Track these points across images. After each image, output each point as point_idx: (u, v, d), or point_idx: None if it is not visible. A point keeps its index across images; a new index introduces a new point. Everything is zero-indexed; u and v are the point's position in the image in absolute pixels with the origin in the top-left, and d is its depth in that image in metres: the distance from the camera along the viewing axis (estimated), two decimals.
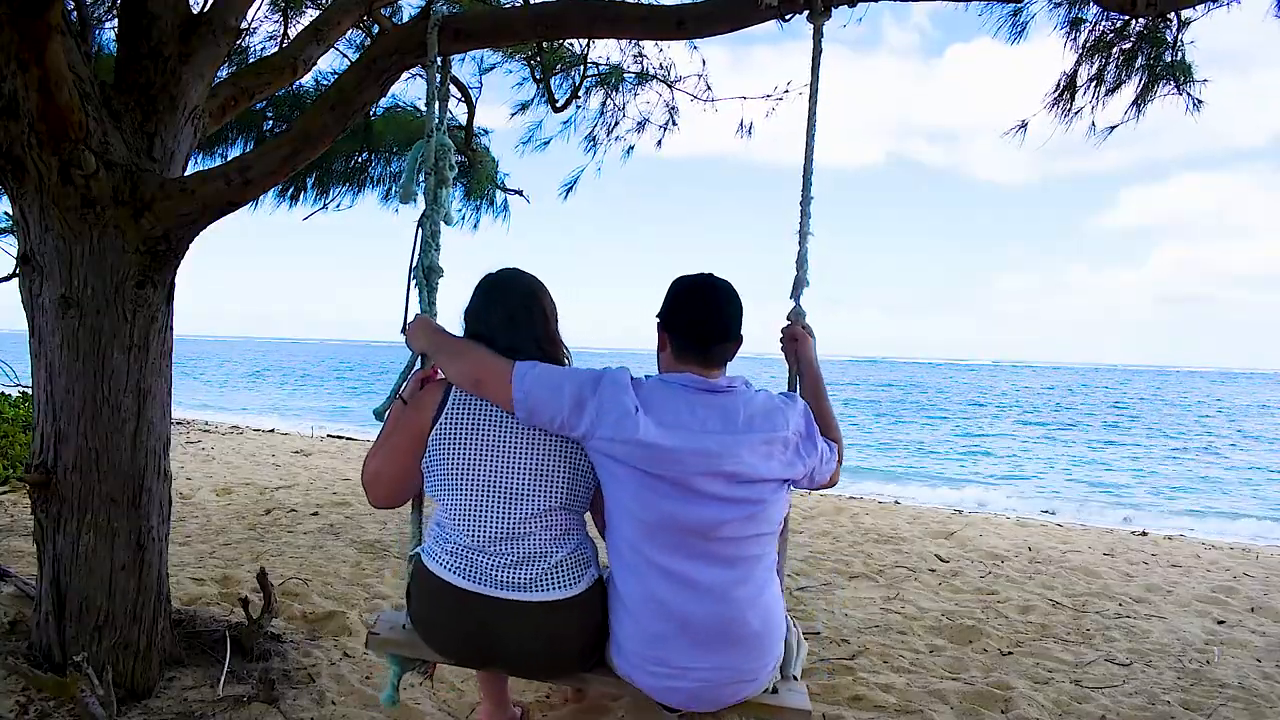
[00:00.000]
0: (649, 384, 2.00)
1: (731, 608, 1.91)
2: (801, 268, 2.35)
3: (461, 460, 2.01)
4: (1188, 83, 4.17)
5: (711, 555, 1.91)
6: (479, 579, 1.98)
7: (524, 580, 1.97)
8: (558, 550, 2.01)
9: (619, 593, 2.01)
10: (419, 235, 2.47)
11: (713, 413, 1.93)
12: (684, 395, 1.95)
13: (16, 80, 2.38)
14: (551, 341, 2.17)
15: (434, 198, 2.49)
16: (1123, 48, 4.22)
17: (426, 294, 2.45)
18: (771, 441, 1.94)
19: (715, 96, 5.64)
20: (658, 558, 1.92)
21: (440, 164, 2.50)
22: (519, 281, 2.21)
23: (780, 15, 2.40)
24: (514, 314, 2.14)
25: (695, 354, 2.01)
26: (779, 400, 2.04)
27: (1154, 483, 14.62)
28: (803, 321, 2.36)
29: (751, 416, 1.95)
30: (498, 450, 2.00)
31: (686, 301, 2.05)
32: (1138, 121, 4.32)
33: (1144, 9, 2.44)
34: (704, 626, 1.91)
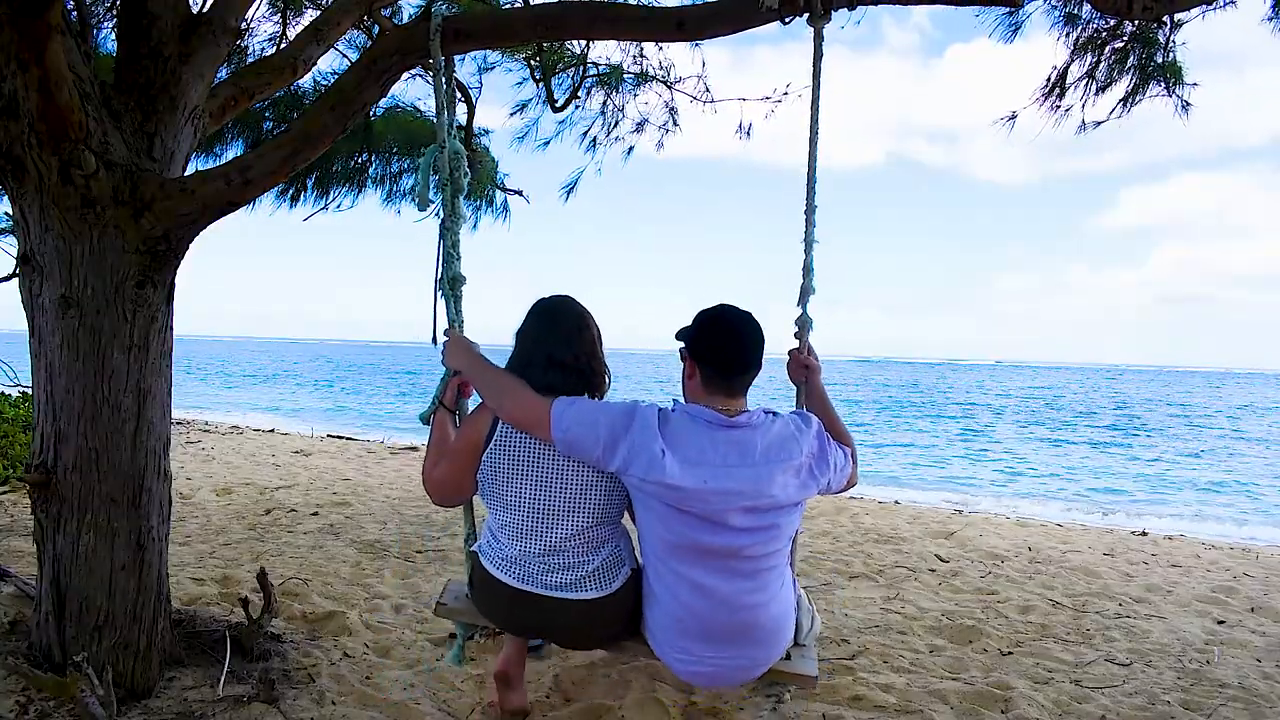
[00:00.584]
0: (675, 420, 2.18)
1: (749, 613, 2.19)
2: (808, 276, 2.42)
3: (506, 487, 2.28)
4: (1178, 84, 4.19)
5: (732, 570, 2.16)
6: (528, 580, 2.29)
7: (565, 583, 2.28)
8: (593, 559, 2.30)
9: (651, 590, 2.29)
10: (441, 247, 2.55)
11: (732, 449, 2.13)
12: (707, 432, 2.15)
13: (16, 80, 2.38)
14: (598, 362, 2.39)
15: (452, 208, 2.55)
16: (1115, 47, 4.23)
17: (453, 303, 2.57)
18: (787, 470, 2.16)
19: (715, 98, 5.65)
20: (683, 569, 2.18)
21: (455, 173, 2.54)
22: (572, 307, 2.43)
23: (780, 17, 2.40)
24: (569, 336, 2.35)
25: (722, 385, 2.21)
26: (793, 427, 2.24)
27: (1158, 484, 14.56)
28: (810, 338, 2.51)
29: (768, 448, 2.15)
30: (537, 479, 2.26)
31: (714, 335, 2.23)
32: (1123, 118, 4.36)
33: (1139, 13, 2.44)
34: (723, 629, 2.19)
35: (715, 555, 2.14)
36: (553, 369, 2.31)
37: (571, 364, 2.32)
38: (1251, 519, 10.61)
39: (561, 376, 2.31)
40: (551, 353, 2.32)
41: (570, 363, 2.32)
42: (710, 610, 2.17)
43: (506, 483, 2.28)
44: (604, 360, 2.42)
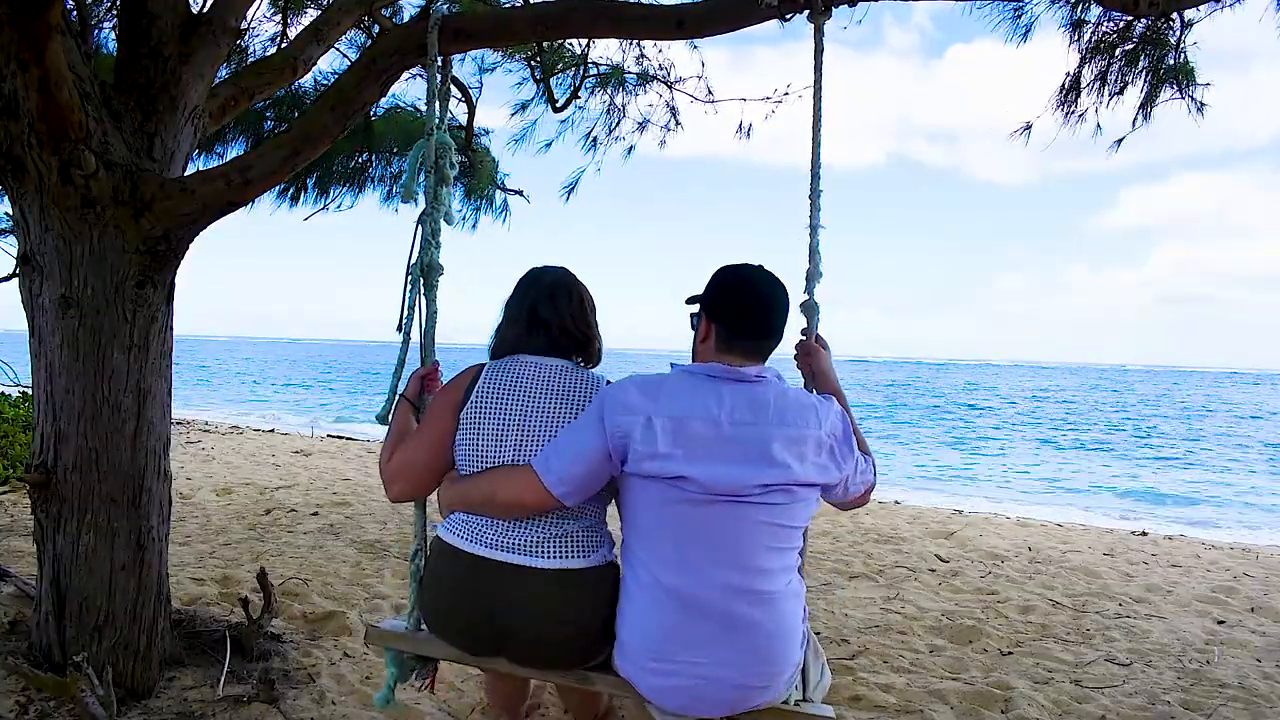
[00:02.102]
0: (669, 383, 1.88)
1: (744, 604, 1.82)
2: (814, 259, 2.29)
3: (487, 436, 2.00)
4: (1190, 86, 4.16)
5: (730, 547, 1.82)
6: (483, 543, 1.95)
7: (531, 544, 1.93)
8: (571, 523, 1.97)
9: (626, 587, 1.93)
10: (418, 233, 2.47)
11: (741, 403, 1.83)
12: (710, 387, 1.85)
13: (16, 80, 2.38)
14: (588, 326, 2.18)
15: (434, 196, 2.48)
16: (1125, 49, 4.20)
17: (426, 292, 2.45)
18: (803, 440, 1.84)
19: (715, 98, 5.65)
20: (670, 551, 1.84)
21: (440, 162, 2.49)
22: (559, 273, 2.24)
23: (780, 15, 2.39)
24: (554, 295, 2.15)
25: (742, 346, 1.92)
26: (814, 398, 1.94)
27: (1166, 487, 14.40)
28: (816, 326, 2.28)
29: (784, 410, 1.84)
30: (522, 426, 1.99)
31: (738, 290, 1.95)
32: (1147, 126, 4.30)
33: (1146, 8, 2.43)
34: (709, 616, 1.81)
35: (712, 534, 1.81)
36: (536, 328, 2.11)
37: (557, 324, 2.12)
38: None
39: (546, 338, 2.11)
40: (535, 307, 2.13)
41: (555, 322, 2.12)
42: (697, 596, 1.80)
43: (486, 429, 2.01)
44: (596, 327, 2.21)
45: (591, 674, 2.05)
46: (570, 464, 1.85)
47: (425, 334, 2.42)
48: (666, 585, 1.83)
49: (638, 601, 1.88)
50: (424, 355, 2.39)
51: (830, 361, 2.23)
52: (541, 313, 2.12)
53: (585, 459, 1.85)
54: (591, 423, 1.86)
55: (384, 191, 6.53)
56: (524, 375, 2.05)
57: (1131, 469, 16.24)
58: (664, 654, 1.84)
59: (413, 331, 2.43)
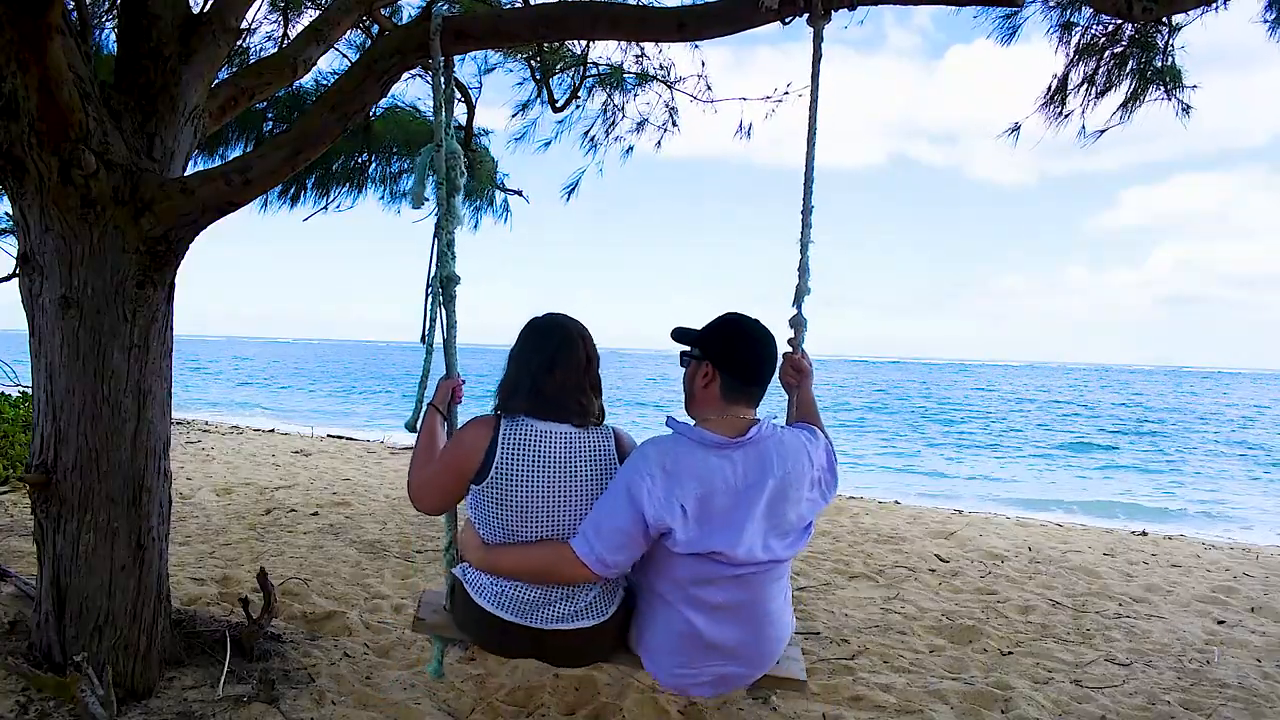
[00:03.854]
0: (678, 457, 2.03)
1: (759, 626, 2.13)
2: (803, 276, 2.38)
3: (508, 515, 2.12)
4: (1177, 88, 4.19)
5: (747, 590, 2.09)
6: (521, 614, 2.14)
7: (561, 616, 2.14)
8: (591, 590, 2.16)
9: (654, 612, 2.16)
10: (435, 246, 2.51)
11: (751, 463, 2.05)
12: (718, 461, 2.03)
13: (16, 80, 2.39)
14: (585, 390, 2.21)
15: (447, 207, 2.51)
16: (1114, 51, 4.23)
17: (446, 303, 2.50)
18: (802, 485, 2.10)
19: (715, 97, 5.65)
20: (696, 593, 2.08)
21: (451, 172, 2.51)
22: (559, 328, 2.25)
23: (780, 18, 2.40)
24: (555, 356, 2.19)
25: (744, 394, 2.12)
26: (803, 437, 2.18)
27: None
28: (803, 341, 2.42)
29: (784, 460, 2.08)
30: (542, 506, 2.11)
31: (742, 343, 2.14)
32: (1125, 125, 4.35)
33: (1139, 14, 2.44)
34: (728, 643, 2.11)
35: (729, 580, 2.06)
36: (535, 398, 2.16)
37: (563, 393, 2.16)
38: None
39: (552, 405, 2.16)
40: (538, 378, 2.17)
41: (561, 392, 2.16)
42: (722, 628, 2.10)
43: (506, 509, 2.12)
44: (597, 385, 2.25)
45: (614, 657, 2.32)
46: (614, 552, 2.01)
47: (448, 344, 2.51)
48: (689, 629, 2.10)
49: (665, 629, 2.14)
50: (448, 364, 2.49)
51: (811, 380, 2.44)
52: (546, 387, 2.17)
53: (627, 548, 2.02)
54: (627, 507, 1.99)
55: (384, 192, 6.54)
56: (541, 447, 2.13)
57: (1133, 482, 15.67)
58: (689, 663, 2.14)
59: (435, 341, 2.51)
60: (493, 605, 2.15)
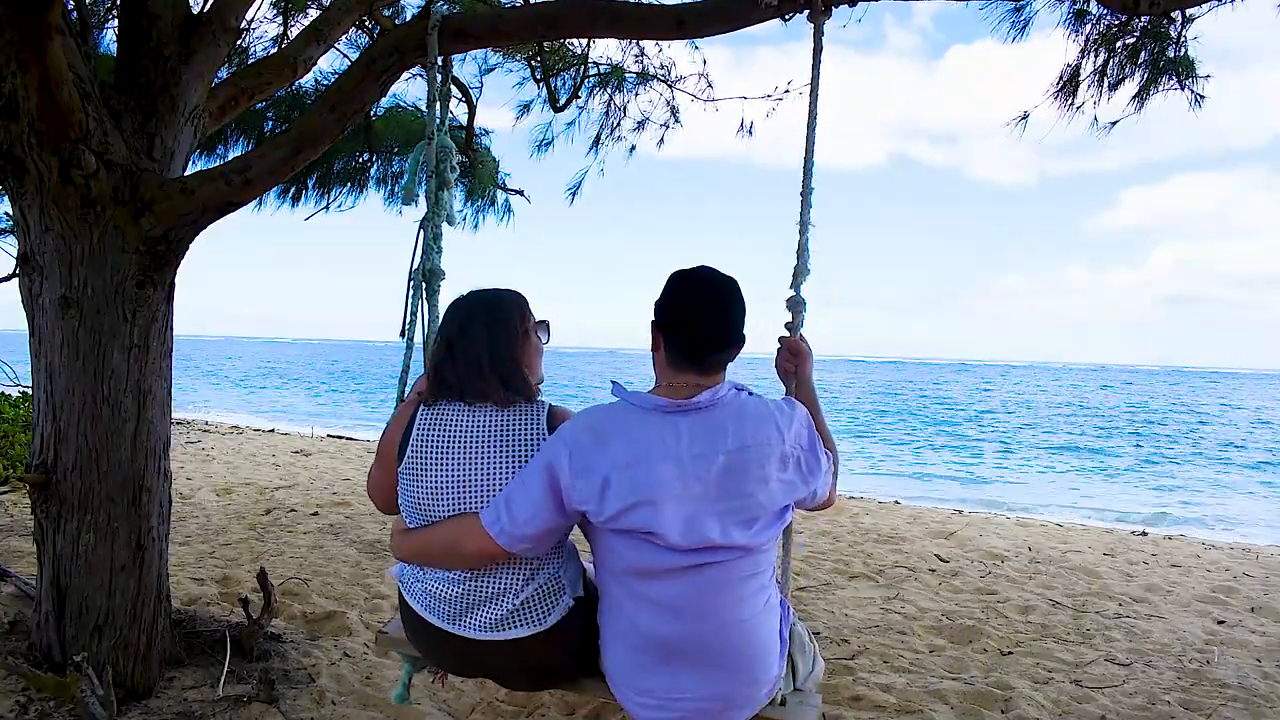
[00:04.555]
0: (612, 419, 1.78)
1: (720, 635, 1.78)
2: (802, 256, 2.29)
3: (420, 496, 1.93)
4: (1190, 79, 4.17)
5: (700, 586, 1.77)
6: (450, 619, 1.93)
7: (491, 621, 1.90)
8: (525, 587, 1.90)
9: (606, 620, 1.90)
10: (420, 238, 2.48)
11: (699, 431, 1.75)
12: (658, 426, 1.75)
13: (16, 80, 2.39)
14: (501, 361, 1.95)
15: (435, 200, 2.49)
16: (1126, 42, 4.22)
17: (429, 297, 2.45)
18: (768, 460, 1.76)
19: (716, 96, 5.64)
20: (641, 589, 1.79)
21: (441, 166, 2.50)
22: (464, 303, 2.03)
23: (780, 15, 2.40)
24: (451, 338, 1.98)
25: (691, 362, 1.81)
26: (773, 407, 1.83)
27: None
28: (802, 324, 2.25)
29: (742, 433, 1.76)
30: (450, 484, 1.89)
31: (684, 302, 1.84)
32: (1139, 115, 4.32)
33: (1147, 8, 2.43)
34: (692, 656, 1.78)
35: (679, 571, 1.75)
36: (437, 382, 1.96)
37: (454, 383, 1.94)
38: None
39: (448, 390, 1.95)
40: (446, 352, 1.97)
41: (451, 376, 1.94)
42: (675, 635, 1.77)
43: (420, 489, 1.92)
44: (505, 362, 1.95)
45: (584, 681, 2.06)
46: (522, 524, 1.76)
47: (428, 340, 2.42)
48: (645, 632, 1.80)
49: (617, 642, 1.86)
50: (427, 361, 2.34)
51: (811, 363, 2.16)
52: (444, 370, 1.96)
53: (538, 519, 1.76)
54: (542, 473, 1.75)
55: (385, 192, 6.54)
56: (452, 426, 1.92)
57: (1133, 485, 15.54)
58: (648, 690, 1.82)
59: (415, 336, 2.43)
60: (420, 606, 1.96)
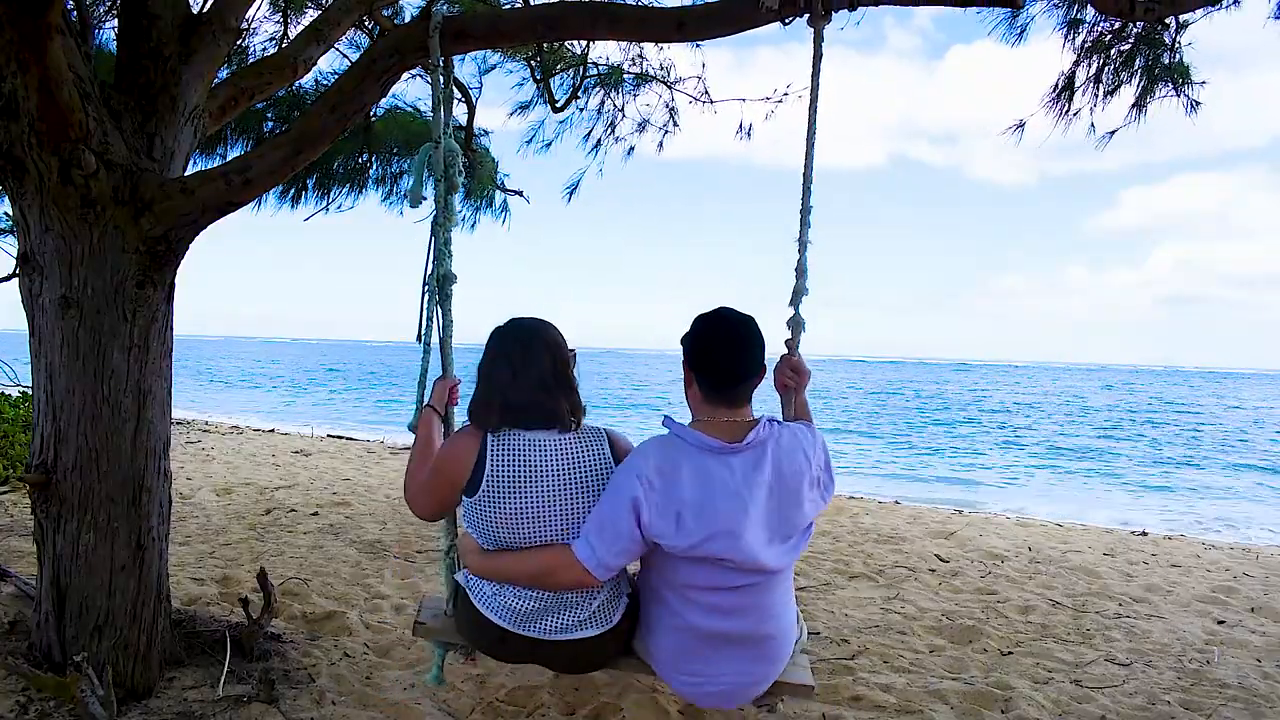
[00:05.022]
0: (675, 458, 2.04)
1: (765, 630, 2.13)
2: (801, 276, 2.39)
3: (503, 524, 2.12)
4: (1186, 84, 4.18)
5: (751, 594, 2.10)
6: (523, 624, 2.15)
7: (565, 625, 2.15)
8: (598, 595, 2.17)
9: (659, 618, 2.18)
10: (433, 244, 2.51)
11: (748, 467, 2.05)
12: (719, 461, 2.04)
13: (16, 80, 2.39)
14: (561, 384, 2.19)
15: (444, 205, 2.52)
16: (1121, 49, 4.22)
17: (442, 302, 2.51)
18: (802, 485, 2.09)
19: (715, 98, 5.65)
20: (701, 599, 2.10)
21: (449, 170, 2.52)
22: (523, 333, 2.23)
23: (780, 18, 2.40)
24: (516, 365, 2.17)
25: (722, 396, 2.11)
26: (801, 436, 2.16)
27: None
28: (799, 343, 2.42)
29: (780, 463, 2.08)
30: (536, 514, 2.11)
31: (711, 344, 2.12)
32: (1139, 124, 4.33)
33: (1141, 14, 2.44)
34: (739, 651, 2.13)
35: (737, 588, 2.07)
36: (505, 409, 2.15)
37: (525, 401, 2.14)
38: None
39: (512, 415, 2.15)
40: (502, 391, 2.15)
41: (520, 400, 2.14)
42: (725, 630, 2.10)
43: (499, 526, 2.12)
44: (565, 385, 2.20)
45: (622, 661, 2.31)
46: (615, 556, 2.03)
47: (444, 343, 2.51)
48: (697, 629, 2.12)
49: (669, 635, 2.17)
50: (445, 364, 2.49)
51: (808, 381, 2.40)
52: (508, 395, 2.15)
53: (628, 551, 2.04)
54: (627, 512, 2.01)
55: (384, 192, 6.54)
56: (532, 455, 2.12)
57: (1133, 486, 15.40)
58: (694, 672, 2.16)
59: (432, 340, 2.51)
60: (494, 613, 2.15)
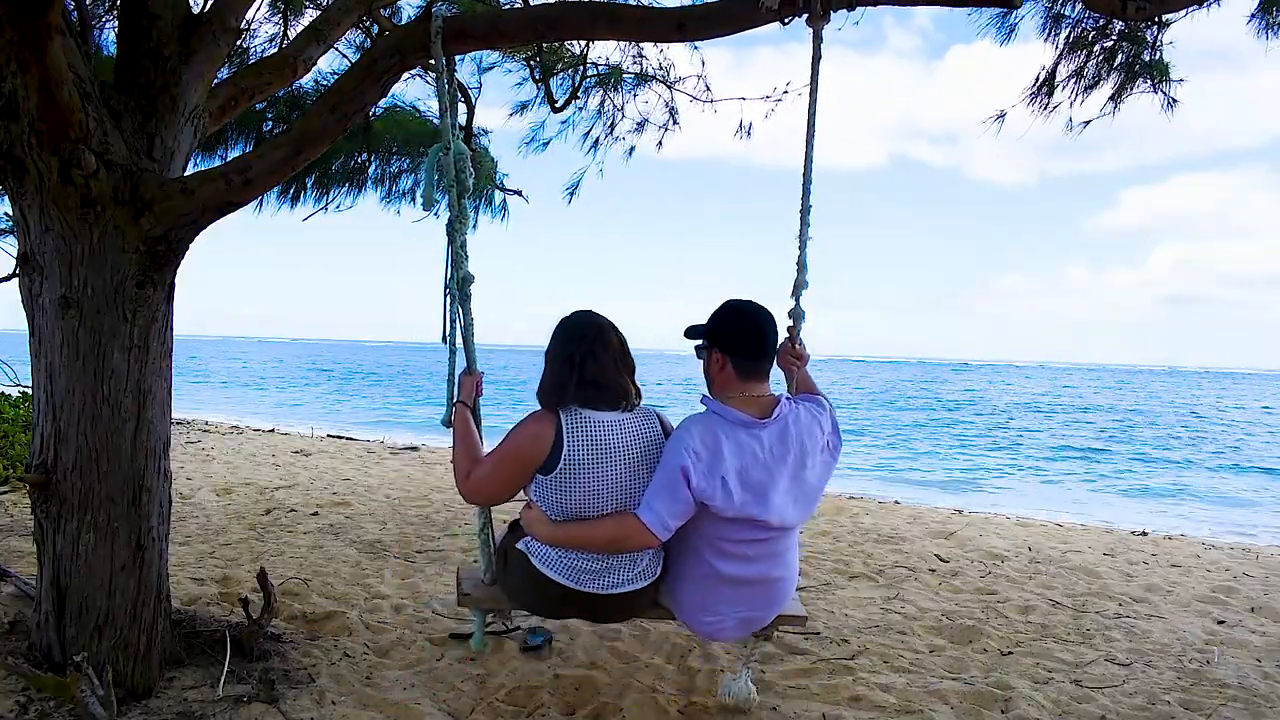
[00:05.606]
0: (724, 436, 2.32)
1: (779, 578, 2.50)
2: (802, 271, 2.48)
3: (578, 498, 2.37)
4: (1164, 82, 4.23)
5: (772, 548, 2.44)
6: (584, 583, 2.41)
7: (620, 580, 2.43)
8: (644, 556, 2.45)
9: (688, 570, 2.47)
10: (450, 249, 2.57)
11: (774, 439, 2.36)
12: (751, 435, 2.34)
13: (16, 80, 2.39)
14: (629, 367, 2.46)
15: (459, 209, 2.56)
16: (1104, 45, 4.26)
17: (462, 302, 2.59)
18: (817, 451, 2.43)
19: (715, 97, 5.65)
20: (729, 548, 2.40)
21: (461, 173, 2.55)
22: (592, 320, 2.47)
23: (780, 18, 2.40)
24: (594, 350, 2.39)
25: (754, 370, 2.40)
26: (814, 408, 2.49)
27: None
28: (800, 331, 2.65)
29: (801, 435, 2.39)
30: (609, 488, 2.37)
31: (742, 325, 2.41)
32: (1113, 116, 4.40)
33: (1133, 13, 2.45)
34: (757, 596, 2.48)
35: (764, 541, 2.40)
36: (586, 385, 2.37)
37: (604, 379, 2.38)
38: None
39: (598, 393, 2.38)
40: (583, 366, 2.37)
41: (603, 379, 2.38)
42: (746, 575, 2.42)
43: (574, 500, 2.37)
44: (632, 368, 2.49)
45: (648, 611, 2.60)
46: (674, 519, 2.31)
47: (467, 342, 2.62)
48: (723, 574, 2.42)
49: (694, 582, 2.47)
50: (469, 361, 2.62)
51: (808, 364, 2.71)
52: (589, 373, 2.38)
53: (684, 514, 2.31)
54: (681, 481, 2.28)
55: (384, 192, 6.54)
56: (602, 435, 2.37)
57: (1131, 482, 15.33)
58: (716, 610, 2.48)
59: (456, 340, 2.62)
60: (558, 574, 2.41)
